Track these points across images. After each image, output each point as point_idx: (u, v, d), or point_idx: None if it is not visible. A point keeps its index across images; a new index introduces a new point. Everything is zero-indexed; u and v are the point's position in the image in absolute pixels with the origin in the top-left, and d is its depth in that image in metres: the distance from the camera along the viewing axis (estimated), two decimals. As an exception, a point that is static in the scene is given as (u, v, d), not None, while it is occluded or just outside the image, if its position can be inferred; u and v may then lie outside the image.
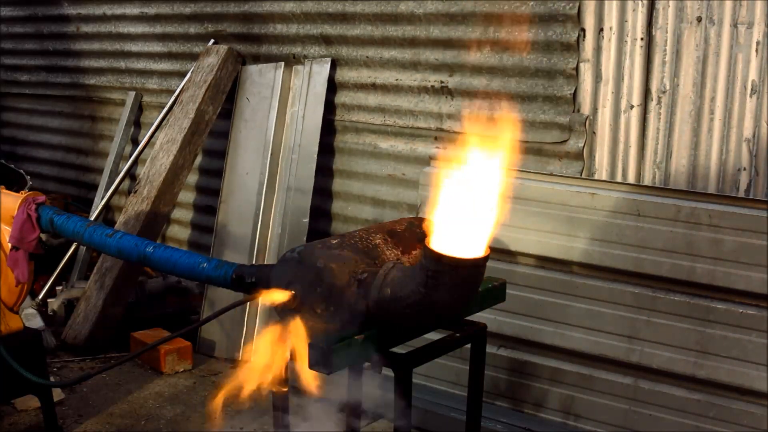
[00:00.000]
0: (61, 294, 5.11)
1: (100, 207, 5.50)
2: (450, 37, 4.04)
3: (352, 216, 4.69)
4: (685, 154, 3.48)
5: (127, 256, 3.05)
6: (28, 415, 3.88)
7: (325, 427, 3.01)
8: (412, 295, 2.15)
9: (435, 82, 4.18)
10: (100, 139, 6.36)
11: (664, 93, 3.49)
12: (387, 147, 4.49)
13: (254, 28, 4.94)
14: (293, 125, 4.68)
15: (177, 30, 5.42)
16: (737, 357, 3.21)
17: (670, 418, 3.34)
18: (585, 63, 3.65)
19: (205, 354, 4.66)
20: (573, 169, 3.77)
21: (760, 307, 3.17)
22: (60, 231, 3.29)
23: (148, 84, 5.83)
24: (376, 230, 2.51)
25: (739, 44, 3.29)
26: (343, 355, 2.19)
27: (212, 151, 5.34)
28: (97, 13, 5.91)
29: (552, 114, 3.80)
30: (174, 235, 5.81)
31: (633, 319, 3.41)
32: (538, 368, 3.64)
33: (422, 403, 3.65)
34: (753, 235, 3.15)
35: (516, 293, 3.56)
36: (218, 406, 2.29)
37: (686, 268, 3.27)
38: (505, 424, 3.55)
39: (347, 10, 4.41)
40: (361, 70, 4.51)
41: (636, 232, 3.36)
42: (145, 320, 4.76)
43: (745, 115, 3.31)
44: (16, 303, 3.44)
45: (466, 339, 2.60)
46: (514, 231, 3.60)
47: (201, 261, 2.79)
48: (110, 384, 4.27)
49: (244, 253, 4.67)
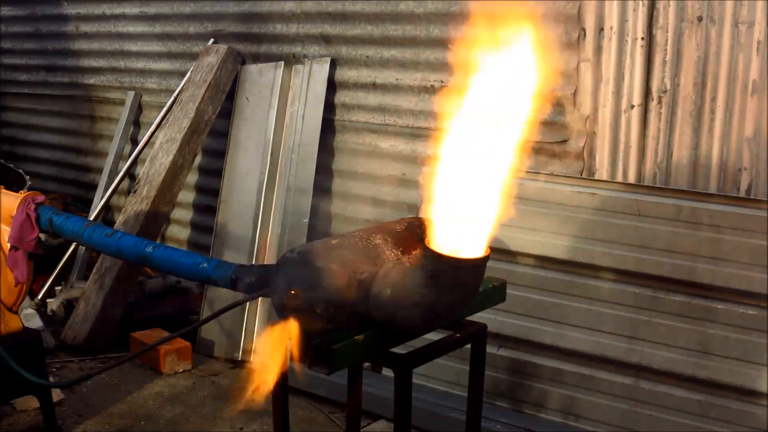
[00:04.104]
0: (60, 294, 5.10)
1: (100, 207, 5.49)
2: (450, 37, 4.03)
3: (352, 216, 4.69)
4: (686, 153, 3.47)
5: (127, 256, 3.05)
6: (28, 415, 3.87)
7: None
8: (412, 295, 2.14)
9: (435, 81, 4.18)
10: (100, 138, 6.36)
11: (665, 93, 3.49)
12: (387, 147, 4.48)
13: (254, 28, 4.93)
14: (293, 125, 4.67)
15: (176, 29, 5.41)
16: (738, 357, 3.20)
17: (671, 418, 3.34)
18: (585, 62, 3.64)
19: (205, 354, 4.66)
20: (573, 169, 3.76)
21: (760, 307, 3.17)
22: (59, 231, 3.28)
23: (147, 83, 5.82)
24: (376, 230, 2.50)
25: (740, 44, 3.28)
26: (343, 355, 2.19)
27: (212, 150, 5.33)
28: (96, 12, 5.91)
29: (552, 114, 3.79)
30: (174, 235, 5.80)
31: (633, 319, 3.40)
32: (539, 368, 3.63)
33: (422, 403, 3.65)
34: (754, 235, 3.15)
35: (516, 293, 3.55)
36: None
37: (687, 268, 3.27)
38: (505, 425, 3.55)
39: (347, 9, 4.40)
40: (361, 70, 4.50)
41: (636, 232, 3.36)
42: (145, 320, 4.75)
43: (746, 114, 3.31)
44: (16, 303, 3.44)
45: (466, 339, 2.59)
46: (514, 231, 3.60)
47: (201, 261, 2.79)
48: (110, 384, 4.27)
49: (244, 253, 4.67)
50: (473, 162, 2.03)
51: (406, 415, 2.34)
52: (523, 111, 2.03)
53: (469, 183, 2.02)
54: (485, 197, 2.01)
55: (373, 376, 3.66)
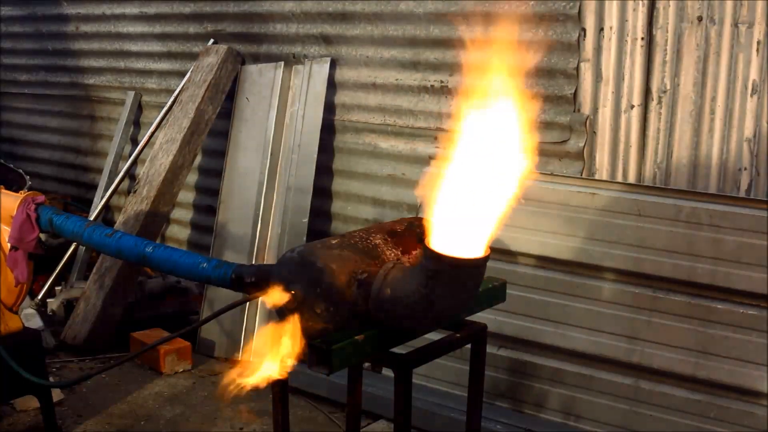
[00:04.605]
0: (60, 294, 5.10)
1: (100, 207, 5.49)
2: (450, 37, 4.03)
3: (352, 216, 4.69)
4: (686, 153, 3.47)
5: (127, 256, 3.04)
6: (28, 415, 3.87)
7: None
8: (412, 295, 2.14)
9: (435, 81, 4.18)
10: (100, 138, 6.36)
11: (665, 93, 3.49)
12: (387, 147, 4.48)
13: (254, 28, 4.93)
14: (293, 125, 4.67)
15: (176, 29, 5.41)
16: (738, 357, 3.20)
17: (671, 418, 3.33)
18: (585, 63, 3.65)
19: (205, 354, 4.66)
20: (573, 169, 3.76)
21: (760, 307, 3.17)
22: (59, 231, 3.28)
23: (147, 84, 5.82)
24: (376, 230, 2.50)
25: (739, 44, 3.28)
26: (343, 355, 2.19)
27: (212, 150, 5.33)
28: (96, 12, 5.91)
29: (552, 114, 3.79)
30: (174, 235, 5.80)
31: (633, 320, 3.40)
32: (539, 368, 3.63)
33: (422, 403, 3.65)
34: (753, 235, 3.15)
35: (516, 293, 3.55)
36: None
37: (687, 268, 3.27)
38: (506, 425, 3.54)
39: (347, 9, 4.40)
40: (360, 70, 4.50)
41: (636, 232, 3.36)
42: (145, 320, 4.75)
43: (746, 114, 3.31)
44: (16, 303, 3.44)
45: (466, 339, 2.59)
46: (514, 231, 3.60)
47: (201, 261, 2.79)
48: (110, 384, 4.27)
49: (244, 253, 4.67)
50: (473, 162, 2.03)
51: (406, 415, 2.34)
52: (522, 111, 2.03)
53: (469, 183, 2.02)
54: (485, 197, 2.01)
55: (373, 376, 3.66)
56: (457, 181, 2.04)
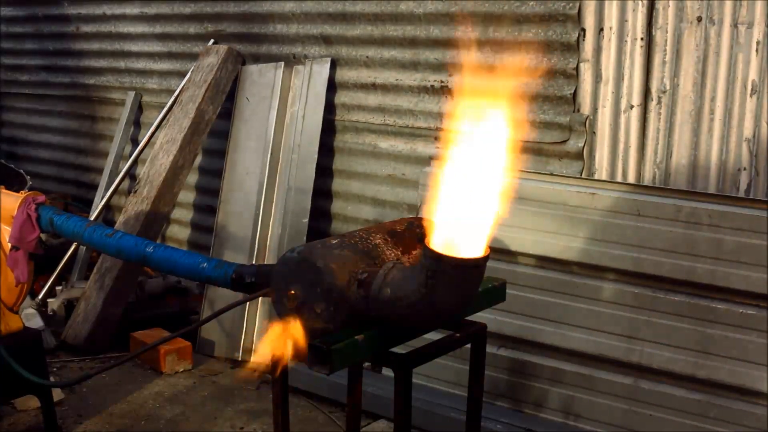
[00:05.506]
0: (60, 294, 5.11)
1: (100, 207, 5.50)
2: (450, 37, 4.03)
3: (352, 216, 4.69)
4: (685, 153, 3.47)
5: (127, 256, 3.05)
6: (28, 415, 3.88)
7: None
8: (412, 295, 2.15)
9: (435, 81, 4.18)
10: (100, 138, 6.36)
11: (664, 93, 3.49)
12: (387, 147, 4.48)
13: (254, 28, 4.93)
14: (293, 125, 4.68)
15: (177, 30, 5.42)
16: (737, 357, 3.21)
17: (671, 418, 3.34)
18: (585, 63, 3.65)
19: (205, 354, 4.66)
20: (573, 169, 3.76)
21: (760, 307, 3.17)
22: (60, 231, 3.29)
23: (147, 84, 5.83)
24: (376, 230, 2.51)
25: (739, 44, 3.29)
26: (343, 355, 2.19)
27: (212, 150, 5.34)
28: (96, 12, 5.91)
29: (552, 114, 3.80)
30: (174, 235, 5.80)
31: (633, 319, 3.40)
32: (538, 368, 3.64)
33: (422, 403, 3.65)
34: (753, 235, 3.15)
35: (516, 293, 3.56)
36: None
37: (686, 268, 3.27)
38: (505, 425, 3.55)
39: (347, 9, 4.40)
40: (361, 70, 4.50)
41: (636, 232, 3.36)
42: (145, 320, 4.76)
43: (746, 115, 3.31)
44: (16, 303, 3.44)
45: (466, 339, 2.59)
46: (514, 231, 3.60)
47: (201, 261, 2.79)
48: (110, 384, 4.27)
49: (244, 253, 4.67)
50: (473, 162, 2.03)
51: (406, 415, 2.34)
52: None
53: (469, 183, 2.02)
54: (485, 197, 2.02)
55: (373, 376, 3.66)
56: (457, 181, 2.04)
